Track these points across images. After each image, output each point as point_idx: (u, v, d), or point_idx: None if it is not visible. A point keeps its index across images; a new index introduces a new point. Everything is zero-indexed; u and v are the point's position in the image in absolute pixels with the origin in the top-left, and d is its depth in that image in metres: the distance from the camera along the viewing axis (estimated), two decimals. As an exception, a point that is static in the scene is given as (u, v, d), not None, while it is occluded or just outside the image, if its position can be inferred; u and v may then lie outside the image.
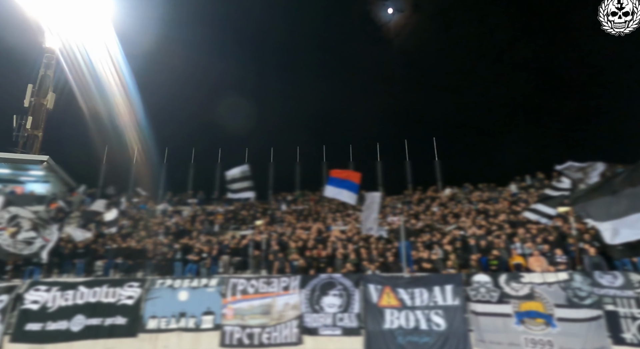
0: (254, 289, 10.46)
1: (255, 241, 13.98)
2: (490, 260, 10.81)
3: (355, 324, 9.77)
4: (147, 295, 10.45)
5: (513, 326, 8.69)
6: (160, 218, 17.64)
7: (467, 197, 17.97)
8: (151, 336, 9.94)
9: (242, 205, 19.43)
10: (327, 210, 18.49)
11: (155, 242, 14.24)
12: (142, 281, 10.71)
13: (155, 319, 10.19)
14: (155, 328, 10.07)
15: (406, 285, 9.87)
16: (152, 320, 10.17)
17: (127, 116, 25.99)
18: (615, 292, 8.20)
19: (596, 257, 9.74)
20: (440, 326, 9.23)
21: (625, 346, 7.78)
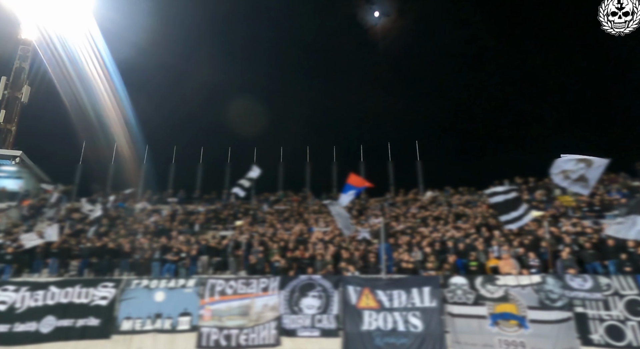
0: (232, 290, 10.35)
1: (236, 241, 13.86)
2: (470, 261, 11.00)
3: (334, 326, 9.78)
4: (122, 296, 10.21)
5: (488, 328, 8.86)
6: (139, 216, 17.27)
7: (448, 200, 18.25)
8: (125, 338, 9.72)
9: (223, 204, 19.24)
10: (310, 211, 18.47)
11: (133, 241, 13.93)
12: (117, 282, 10.46)
13: (129, 320, 9.96)
14: (129, 329, 9.85)
15: (385, 287, 9.94)
16: (126, 321, 9.95)
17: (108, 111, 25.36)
18: (585, 295, 8.46)
19: (568, 260, 10.04)
20: (417, 328, 9.33)
21: (593, 347, 8.03)
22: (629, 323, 7.95)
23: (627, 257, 9.66)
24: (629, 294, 8.15)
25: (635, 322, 7.93)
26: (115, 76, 25.38)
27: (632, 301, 8.09)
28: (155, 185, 22.27)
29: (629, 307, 8.07)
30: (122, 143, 24.38)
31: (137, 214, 17.48)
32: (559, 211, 14.22)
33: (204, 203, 19.75)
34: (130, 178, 22.37)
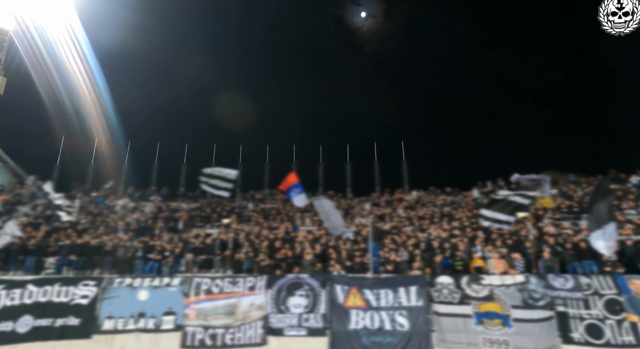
0: (218, 289, 10.20)
1: (222, 240, 13.67)
2: (456, 261, 11.17)
3: (321, 325, 9.76)
4: (104, 294, 9.93)
5: (472, 327, 9.00)
6: (121, 213, 16.84)
7: (432, 201, 18.49)
8: (106, 338, 9.45)
9: (208, 202, 18.96)
10: (295, 210, 18.40)
11: (114, 239, 13.56)
12: (98, 280, 10.16)
13: (111, 319, 9.69)
14: (111, 329, 9.59)
15: (372, 286, 9.98)
16: (108, 321, 9.67)
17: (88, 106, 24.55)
18: (566, 294, 8.70)
19: (549, 261, 10.32)
20: (404, 327, 9.41)
21: (573, 345, 8.27)
22: (608, 322, 8.23)
23: (607, 257, 10.01)
24: (608, 294, 8.44)
25: (613, 321, 8.20)
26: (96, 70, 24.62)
27: (611, 300, 8.37)
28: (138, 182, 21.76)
29: (607, 306, 8.34)
30: (102, 139, 23.67)
31: (118, 211, 17.03)
32: (539, 213, 14.59)
33: (187, 201, 19.42)
34: (111, 175, 21.76)
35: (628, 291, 8.33)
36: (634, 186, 15.94)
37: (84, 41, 24.15)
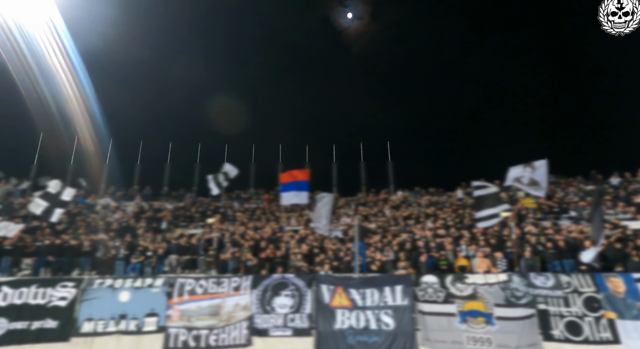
0: (202, 289, 10.04)
1: (206, 239, 13.48)
2: (441, 261, 11.29)
3: (306, 325, 9.71)
4: (83, 296, 9.64)
5: (456, 325, 9.10)
6: (102, 213, 16.44)
7: (417, 201, 18.68)
8: (85, 340, 9.19)
9: (192, 202, 18.70)
10: (282, 210, 18.31)
11: (95, 239, 13.22)
12: (77, 281, 9.86)
13: (91, 322, 9.43)
14: (90, 331, 9.32)
15: (358, 285, 9.98)
16: (87, 323, 9.40)
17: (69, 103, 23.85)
18: (547, 292, 8.88)
19: (531, 260, 10.53)
20: (389, 326, 9.43)
21: (554, 342, 8.44)
22: (586, 319, 8.43)
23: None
24: (587, 292, 8.64)
25: (592, 318, 8.41)
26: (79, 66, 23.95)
27: (590, 298, 8.58)
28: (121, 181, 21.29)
29: (586, 304, 8.55)
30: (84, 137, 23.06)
31: (99, 210, 16.62)
32: (521, 213, 14.89)
33: (171, 201, 19.11)
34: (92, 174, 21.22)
35: (606, 288, 8.55)
36: (612, 187, 16.42)
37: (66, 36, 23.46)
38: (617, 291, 8.44)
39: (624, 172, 17.20)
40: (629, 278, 8.53)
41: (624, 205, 13.90)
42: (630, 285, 8.43)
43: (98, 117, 24.08)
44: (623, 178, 16.93)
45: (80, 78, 23.85)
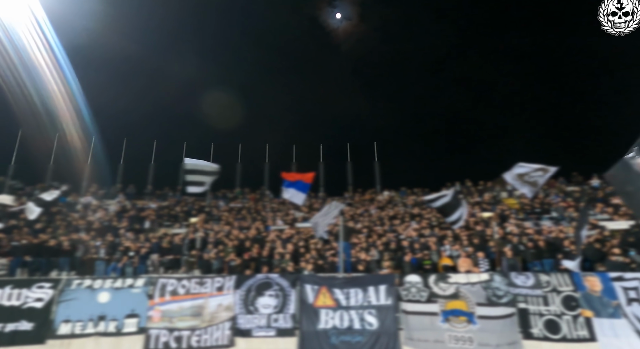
0: (185, 290, 9.89)
1: (190, 239, 13.32)
2: (424, 261, 11.37)
3: (290, 325, 9.66)
4: (61, 297, 9.39)
5: (439, 324, 9.16)
6: (82, 212, 16.08)
7: (403, 201, 18.80)
8: (62, 343, 8.94)
9: (177, 201, 18.45)
10: (267, 209, 18.21)
11: (75, 239, 12.92)
12: (54, 282, 9.60)
13: (68, 323, 9.18)
14: (68, 333, 9.07)
15: (342, 285, 9.97)
16: (64, 325, 9.15)
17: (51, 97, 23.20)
18: (527, 291, 9.01)
19: (512, 259, 10.70)
20: (372, 326, 9.45)
21: (533, 340, 8.57)
22: (565, 317, 8.59)
23: (563, 256, 10.50)
24: (566, 291, 8.80)
25: (569, 316, 8.57)
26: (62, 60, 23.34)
27: (568, 297, 8.75)
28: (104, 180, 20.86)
29: (565, 302, 8.71)
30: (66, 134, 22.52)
31: (80, 210, 16.26)
32: (504, 213, 15.12)
33: (155, 200, 18.82)
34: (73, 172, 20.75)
35: (583, 287, 8.73)
36: (592, 188, 16.82)
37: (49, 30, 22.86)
38: (594, 290, 8.62)
39: (603, 174, 17.62)
40: (605, 278, 8.73)
41: (602, 206, 14.24)
42: (607, 284, 8.62)
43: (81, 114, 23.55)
44: (602, 180, 17.35)
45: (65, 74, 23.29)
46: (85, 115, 23.42)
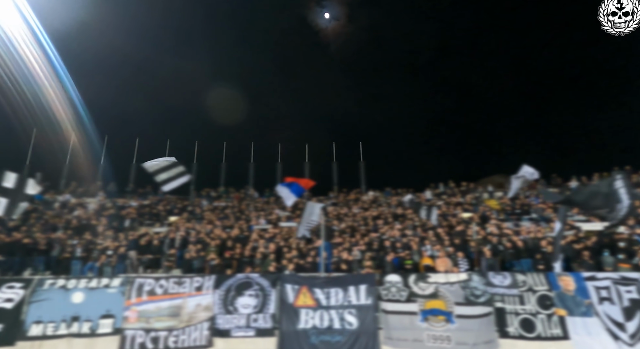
0: (162, 289, 9.72)
1: (171, 238, 13.12)
2: (406, 260, 11.43)
3: (270, 325, 9.59)
4: (32, 297, 9.11)
5: (418, 324, 9.21)
6: (59, 210, 15.69)
7: (387, 201, 18.90)
8: (33, 344, 8.68)
9: (159, 199, 18.16)
10: (251, 208, 18.08)
11: (51, 237, 12.59)
12: (26, 282, 9.32)
13: (40, 324, 8.91)
14: (39, 334, 8.81)
15: (323, 285, 9.95)
16: (35, 326, 8.88)
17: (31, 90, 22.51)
18: (504, 291, 9.15)
19: (491, 259, 10.85)
20: (352, 325, 9.45)
21: (509, 339, 8.69)
22: (539, 316, 8.74)
23: (541, 256, 10.70)
24: (541, 290, 8.97)
25: (544, 315, 8.73)
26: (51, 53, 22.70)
27: (543, 296, 8.91)
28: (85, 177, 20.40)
29: (540, 301, 8.87)
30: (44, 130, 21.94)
31: (56, 207, 15.85)
32: (485, 214, 15.34)
33: (137, 198, 18.50)
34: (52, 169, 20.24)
35: (558, 287, 8.91)
36: (570, 190, 17.18)
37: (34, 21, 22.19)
38: (568, 289, 8.81)
39: (581, 176, 18.07)
40: (578, 277, 8.92)
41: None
42: (580, 283, 8.82)
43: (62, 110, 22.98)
44: (580, 182, 17.77)
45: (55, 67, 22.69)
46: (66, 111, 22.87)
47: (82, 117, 22.81)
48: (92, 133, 22.87)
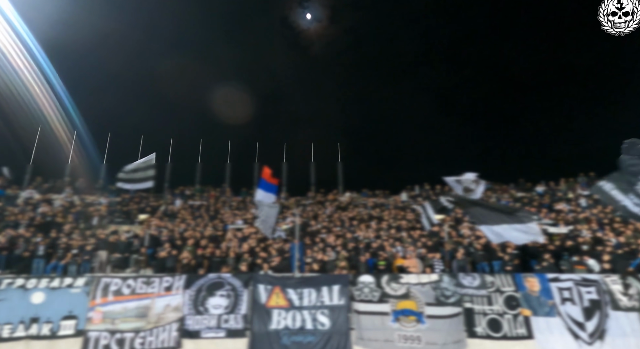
0: (130, 289, 9.41)
1: (141, 237, 12.74)
2: (379, 261, 11.51)
3: (241, 326, 9.45)
4: (-13, 298, 8.65)
5: (389, 324, 9.29)
6: (22, 206, 14.97)
7: (364, 202, 19.02)
8: (-13, 347, 8.24)
9: (131, 197, 17.61)
10: (227, 207, 17.80)
11: (11, 234, 11.98)
12: (-19, 281, 8.83)
13: (-5, 326, 8.47)
14: (-6, 337, 8.37)
15: (296, 285, 9.88)
16: (-9, 327, 8.43)
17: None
18: (473, 291, 9.35)
19: (462, 260, 11.07)
20: (324, 326, 9.43)
21: (477, 339, 8.90)
22: (506, 316, 8.99)
23: (509, 258, 10.99)
24: (508, 291, 9.22)
25: (510, 315, 8.98)
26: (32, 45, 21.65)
27: (510, 297, 9.17)
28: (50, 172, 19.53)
29: (507, 302, 9.12)
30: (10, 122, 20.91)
31: (20, 203, 15.13)
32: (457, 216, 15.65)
33: (107, 195, 17.88)
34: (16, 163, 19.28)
35: (523, 288, 9.18)
36: (538, 194, 17.79)
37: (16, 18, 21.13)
38: (533, 290, 9.09)
39: (549, 181, 18.74)
40: (543, 278, 9.23)
41: (546, 211, 15.09)
42: (544, 284, 9.12)
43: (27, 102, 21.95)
44: (547, 187, 18.42)
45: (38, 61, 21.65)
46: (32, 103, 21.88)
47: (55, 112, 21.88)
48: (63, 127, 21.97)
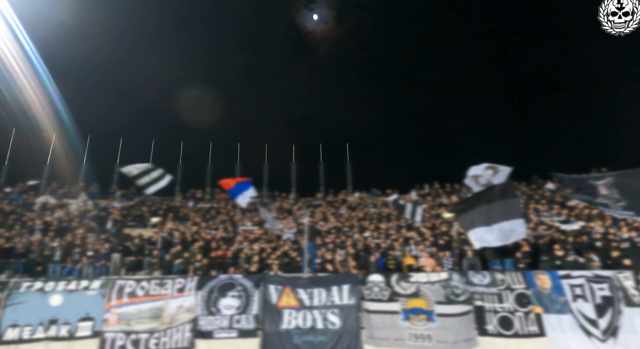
0: (144, 291, 9.63)
1: (154, 240, 12.98)
2: (388, 260, 11.53)
3: (253, 326, 9.58)
4: (8, 301, 8.94)
5: (400, 323, 9.32)
6: (39, 212, 15.38)
7: (374, 202, 19.03)
8: (8, 348, 8.50)
9: (143, 201, 17.94)
10: (237, 210, 17.99)
11: (29, 240, 12.33)
12: (1, 285, 9.12)
13: (16, 328, 8.76)
14: (15, 338, 8.66)
15: (306, 285, 9.98)
16: (11, 330, 8.72)
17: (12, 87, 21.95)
18: (484, 289, 9.32)
19: (472, 259, 11.01)
20: (335, 325, 9.50)
21: (488, 336, 8.87)
22: (517, 314, 8.94)
23: (521, 255, 10.90)
24: (518, 288, 9.17)
25: (522, 313, 8.93)
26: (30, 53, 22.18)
27: (521, 294, 9.11)
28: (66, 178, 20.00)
29: (517, 300, 9.07)
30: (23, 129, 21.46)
31: (36, 209, 15.53)
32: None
33: (120, 199, 18.23)
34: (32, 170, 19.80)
35: (534, 285, 9.12)
36: (549, 191, 17.57)
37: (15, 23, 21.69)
38: (544, 287, 9.02)
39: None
40: (554, 275, 9.15)
41: (558, 208, 14.90)
42: (556, 281, 9.04)
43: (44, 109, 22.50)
44: (559, 184, 18.16)
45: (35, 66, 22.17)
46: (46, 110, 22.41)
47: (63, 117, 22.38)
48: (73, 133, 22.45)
